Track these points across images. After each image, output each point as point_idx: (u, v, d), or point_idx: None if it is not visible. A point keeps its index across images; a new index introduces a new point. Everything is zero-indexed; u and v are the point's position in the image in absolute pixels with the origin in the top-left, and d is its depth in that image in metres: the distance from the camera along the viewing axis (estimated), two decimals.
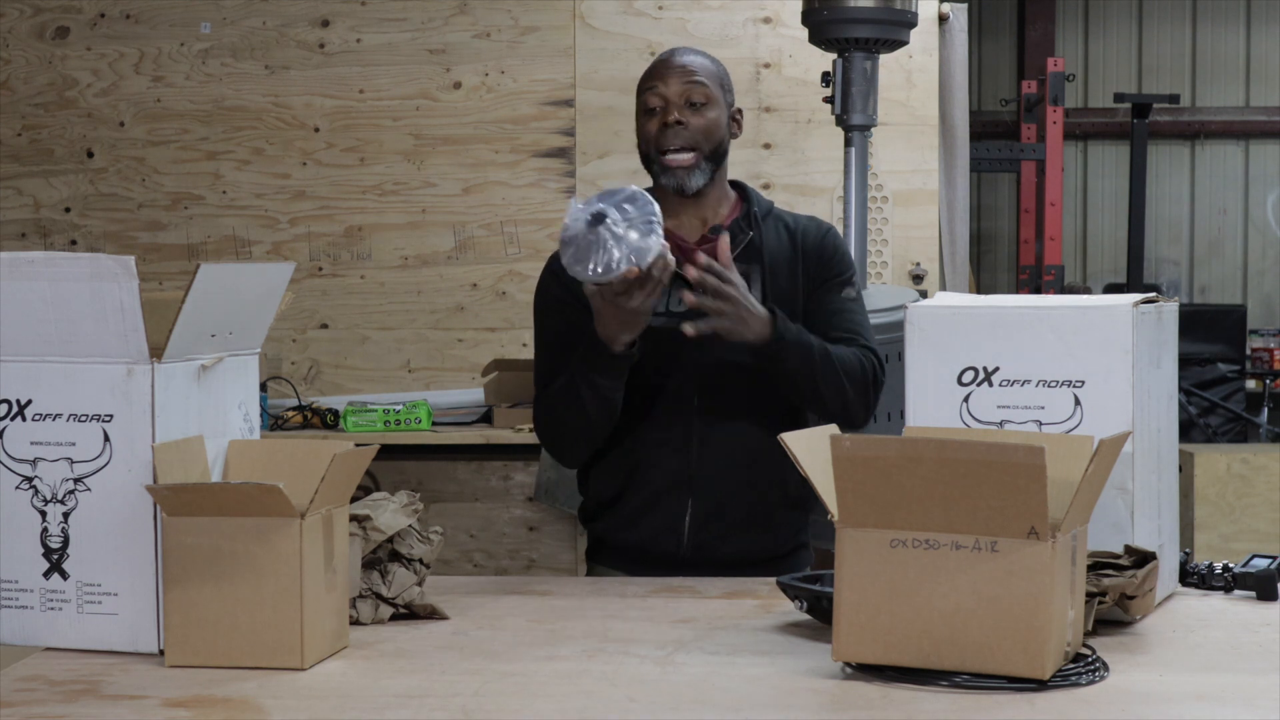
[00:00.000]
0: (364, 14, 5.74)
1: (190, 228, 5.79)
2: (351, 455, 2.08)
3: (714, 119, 2.83)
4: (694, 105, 2.81)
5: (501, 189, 5.74)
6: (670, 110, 2.80)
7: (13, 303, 2.07)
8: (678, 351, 2.74)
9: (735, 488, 2.79)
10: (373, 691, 1.93)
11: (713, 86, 2.84)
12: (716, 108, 2.84)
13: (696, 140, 2.81)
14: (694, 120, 2.81)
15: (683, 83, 2.81)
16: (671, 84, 2.81)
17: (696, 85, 2.82)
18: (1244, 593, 2.43)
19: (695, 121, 2.81)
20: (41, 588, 2.10)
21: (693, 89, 2.81)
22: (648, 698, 1.89)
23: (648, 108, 2.83)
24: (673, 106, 2.80)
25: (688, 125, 2.80)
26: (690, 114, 2.81)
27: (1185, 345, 4.45)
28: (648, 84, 2.84)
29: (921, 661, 1.91)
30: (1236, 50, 10.65)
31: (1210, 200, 10.73)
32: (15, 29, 5.80)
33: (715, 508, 2.79)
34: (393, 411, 5.21)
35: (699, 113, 2.81)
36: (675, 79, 2.82)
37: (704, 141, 2.82)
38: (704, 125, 2.82)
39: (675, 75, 2.82)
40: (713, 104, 2.83)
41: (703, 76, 2.83)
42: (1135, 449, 2.27)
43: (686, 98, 2.81)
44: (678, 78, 2.82)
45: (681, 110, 2.80)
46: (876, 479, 1.91)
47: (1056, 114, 7.82)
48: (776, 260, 2.83)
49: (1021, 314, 2.32)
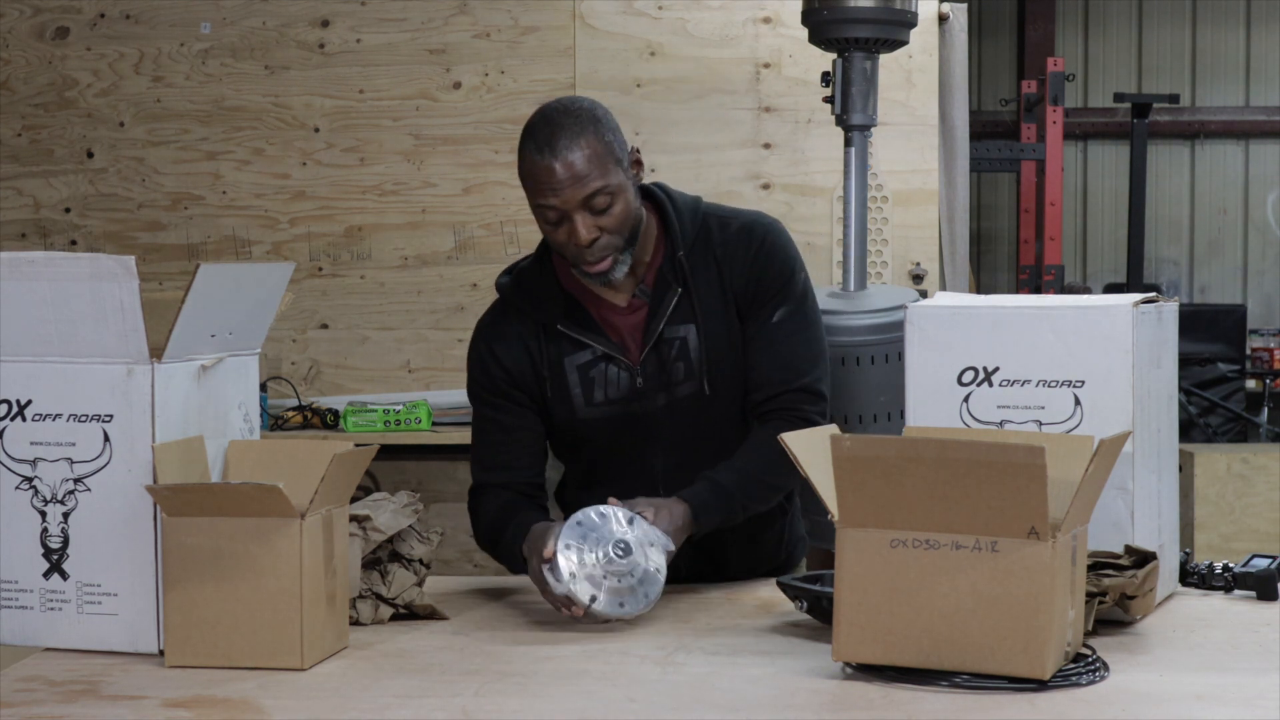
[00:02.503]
0: (364, 14, 5.74)
1: (190, 228, 5.78)
2: (351, 455, 2.08)
3: (622, 209, 2.49)
4: (597, 211, 2.46)
5: (501, 189, 5.73)
6: (577, 230, 2.45)
7: (13, 303, 2.07)
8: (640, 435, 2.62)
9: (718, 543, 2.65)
10: (373, 691, 1.93)
11: (606, 171, 2.46)
12: (621, 191, 2.48)
13: (612, 243, 2.49)
14: (604, 223, 2.47)
15: (579, 191, 2.45)
16: (566, 194, 2.44)
17: (595, 190, 2.45)
18: (1244, 593, 2.43)
19: (606, 224, 2.47)
20: (41, 588, 2.10)
21: (593, 195, 2.45)
22: (648, 698, 1.89)
23: (547, 219, 2.49)
24: (579, 223, 2.45)
25: (600, 234, 2.47)
26: (597, 218, 2.47)
27: (1185, 345, 4.45)
28: (536, 194, 2.47)
29: (921, 661, 1.91)
30: (1236, 50, 10.65)
31: (1210, 200, 10.73)
32: (15, 29, 5.80)
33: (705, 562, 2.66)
34: (393, 411, 5.21)
35: (606, 214, 2.47)
36: (568, 189, 2.44)
37: (618, 238, 2.50)
38: (615, 223, 2.48)
39: (567, 185, 2.44)
40: (618, 193, 2.47)
41: (594, 171, 2.45)
42: (1135, 449, 2.27)
43: (588, 205, 2.46)
44: (570, 187, 2.44)
45: (587, 222, 2.46)
46: (876, 479, 1.91)
47: (1056, 114, 7.82)
48: (709, 308, 2.60)
49: (1021, 314, 2.32)
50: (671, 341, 2.59)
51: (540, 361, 2.60)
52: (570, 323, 2.59)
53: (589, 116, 2.49)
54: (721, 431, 2.64)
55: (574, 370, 2.59)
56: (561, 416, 2.62)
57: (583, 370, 2.60)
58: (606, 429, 2.62)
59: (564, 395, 2.60)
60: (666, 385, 2.61)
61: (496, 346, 2.62)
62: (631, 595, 2.26)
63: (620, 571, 2.25)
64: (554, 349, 2.60)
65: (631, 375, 2.59)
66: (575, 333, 2.59)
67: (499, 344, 2.62)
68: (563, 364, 2.59)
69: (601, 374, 2.59)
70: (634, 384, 2.59)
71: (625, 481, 2.60)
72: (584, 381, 2.60)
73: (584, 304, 2.61)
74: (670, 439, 2.63)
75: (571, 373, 2.59)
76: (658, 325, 2.58)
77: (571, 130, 2.46)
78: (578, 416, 2.61)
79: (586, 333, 2.59)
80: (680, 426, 2.63)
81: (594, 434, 2.62)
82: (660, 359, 2.59)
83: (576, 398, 2.60)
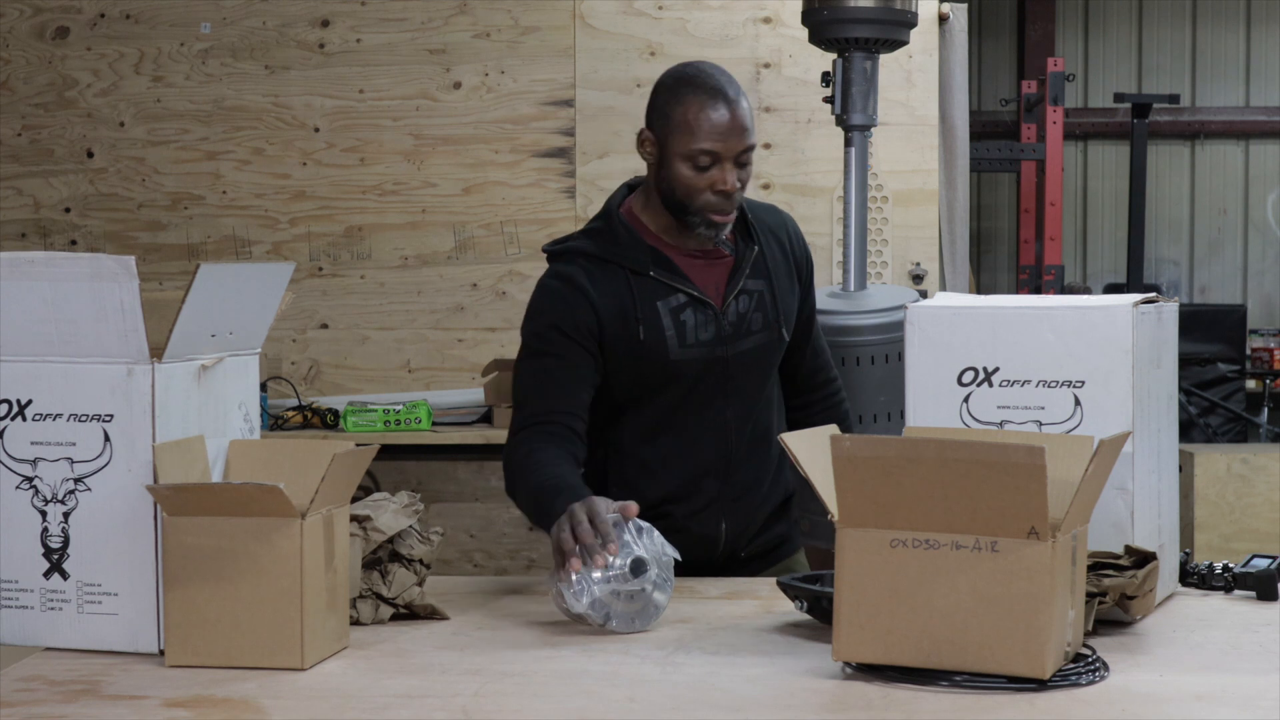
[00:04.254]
0: (364, 14, 5.74)
1: (190, 228, 5.79)
2: (351, 455, 2.08)
3: (750, 172, 2.70)
4: (743, 165, 2.66)
5: (501, 189, 5.74)
6: (728, 176, 2.63)
7: (13, 303, 2.07)
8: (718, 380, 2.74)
9: (760, 501, 2.83)
10: (373, 691, 1.93)
11: (755, 134, 2.68)
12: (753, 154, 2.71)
13: (739, 199, 2.70)
14: (743, 178, 2.67)
15: (740, 143, 2.64)
16: (731, 142, 2.63)
17: (749, 145, 2.65)
18: (1244, 593, 2.43)
19: (744, 179, 2.68)
20: (41, 588, 2.10)
21: (746, 150, 2.65)
22: (648, 698, 1.90)
23: (698, 164, 2.64)
24: (729, 170, 2.64)
25: (739, 188, 2.67)
26: (740, 173, 2.66)
27: (1185, 345, 4.45)
28: (696, 138, 2.63)
29: (921, 661, 1.91)
30: (1236, 50, 10.64)
31: (1210, 200, 10.72)
32: (15, 29, 5.80)
33: (745, 524, 2.82)
34: (393, 411, 5.21)
35: (744, 170, 2.67)
36: (734, 137, 2.63)
37: (741, 195, 2.70)
38: (746, 179, 2.69)
39: (734, 134, 2.62)
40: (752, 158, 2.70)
41: (752, 128, 2.66)
42: (1135, 449, 2.27)
43: (738, 159, 2.65)
44: (736, 136, 2.63)
45: (734, 172, 2.65)
46: (876, 479, 1.91)
47: (1056, 114, 7.82)
48: (779, 271, 2.79)
49: (1021, 314, 2.32)
50: (750, 293, 2.75)
51: (633, 306, 2.70)
52: (660, 270, 2.72)
53: (737, 81, 2.71)
54: (773, 385, 2.85)
55: (667, 314, 2.71)
56: (654, 358, 2.70)
57: (674, 314, 2.71)
58: (692, 371, 2.72)
59: (658, 336, 2.70)
60: (746, 333, 2.75)
61: (591, 290, 2.69)
62: (641, 615, 2.26)
63: (632, 590, 2.25)
64: (647, 294, 2.70)
65: (718, 320, 2.72)
66: (666, 279, 2.71)
67: (594, 288, 2.69)
68: (656, 307, 2.71)
69: (691, 318, 2.71)
70: (720, 328, 2.72)
71: (696, 431, 2.75)
72: (676, 324, 2.71)
73: (669, 256, 2.73)
74: (742, 388, 2.76)
75: (665, 316, 2.71)
76: (740, 277, 2.75)
77: (737, 87, 2.68)
78: (670, 357, 2.70)
79: (676, 279, 2.72)
80: (751, 376, 2.78)
81: (680, 376, 2.72)
82: (740, 309, 2.74)
83: (670, 339, 2.70)
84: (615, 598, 2.23)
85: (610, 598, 2.22)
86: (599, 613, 2.22)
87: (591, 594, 2.22)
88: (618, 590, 2.23)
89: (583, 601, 2.22)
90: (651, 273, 2.70)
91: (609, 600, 2.22)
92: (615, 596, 2.23)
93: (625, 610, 2.24)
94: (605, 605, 2.22)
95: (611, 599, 2.23)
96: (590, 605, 2.22)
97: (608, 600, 2.22)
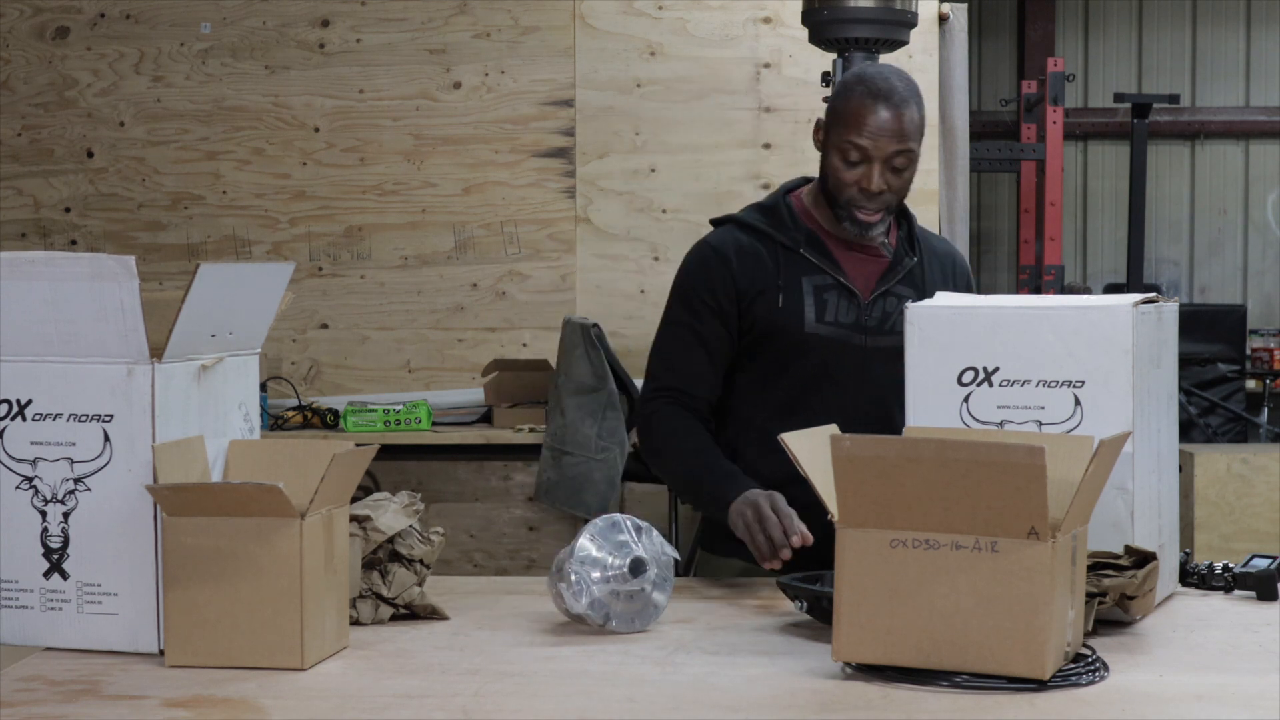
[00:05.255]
0: (364, 14, 5.74)
1: (190, 228, 5.79)
2: (351, 455, 2.08)
3: (910, 177, 2.74)
4: (896, 170, 2.70)
5: (501, 189, 5.74)
6: (873, 175, 2.69)
7: (13, 303, 2.07)
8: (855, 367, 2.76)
9: None
10: (373, 691, 1.93)
11: (917, 140, 2.71)
12: (914, 161, 2.73)
13: (890, 202, 2.73)
14: (894, 182, 2.71)
15: (892, 145, 2.68)
16: (882, 142, 2.67)
17: (903, 149, 2.69)
18: (1244, 593, 2.43)
19: (895, 183, 2.71)
20: (41, 588, 2.10)
21: (899, 153, 2.69)
22: (648, 698, 1.89)
23: (849, 158, 2.71)
24: (875, 170, 2.69)
25: (886, 190, 2.71)
26: (891, 176, 2.70)
27: (1185, 345, 4.45)
28: (851, 131, 2.69)
29: (921, 661, 1.91)
30: (1236, 50, 10.64)
31: (1210, 200, 10.72)
32: (15, 29, 5.80)
33: None
34: (393, 411, 5.21)
35: (899, 175, 2.71)
36: (886, 137, 2.67)
37: (896, 200, 2.75)
38: (901, 185, 2.73)
39: (888, 136, 2.67)
40: (913, 162, 2.72)
41: (912, 136, 2.69)
42: (1135, 449, 2.27)
43: (891, 162, 2.69)
44: (888, 136, 2.67)
45: (884, 173, 2.69)
46: (876, 479, 1.91)
47: (1056, 114, 7.82)
48: (931, 290, 2.76)
49: (1021, 314, 2.32)
50: (899, 297, 2.77)
51: (777, 274, 2.77)
52: (812, 250, 2.79)
53: (916, 89, 2.75)
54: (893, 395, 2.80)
55: (810, 289, 2.77)
56: (790, 328, 2.76)
57: (818, 291, 2.77)
58: (827, 349, 2.76)
59: (796, 307, 2.76)
60: (890, 331, 2.77)
61: (737, 261, 2.79)
62: (641, 615, 2.26)
63: (632, 590, 2.25)
64: (793, 267, 2.78)
65: (860, 308, 2.77)
66: (816, 259, 2.78)
67: (741, 260, 2.79)
68: (800, 281, 2.77)
69: (834, 298, 2.77)
70: (860, 315, 2.77)
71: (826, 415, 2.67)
72: (818, 300, 2.77)
73: (826, 242, 2.80)
74: (879, 381, 2.77)
75: (808, 290, 2.77)
76: (893, 277, 2.80)
77: (906, 91, 2.71)
78: (805, 330, 2.76)
79: (826, 262, 2.78)
80: (888, 373, 2.73)
81: (814, 350, 2.75)
82: (885, 308, 2.79)
83: (809, 310, 2.76)
84: (615, 598, 2.23)
85: (610, 598, 2.22)
86: (599, 613, 2.22)
87: (591, 594, 2.22)
88: (617, 590, 2.23)
89: (582, 601, 2.22)
90: (802, 250, 2.77)
91: (608, 600, 2.22)
92: (615, 596, 2.23)
93: (625, 610, 2.24)
94: (605, 605, 2.22)
95: (611, 599, 2.23)
96: (590, 605, 2.22)
97: (607, 600, 2.22)
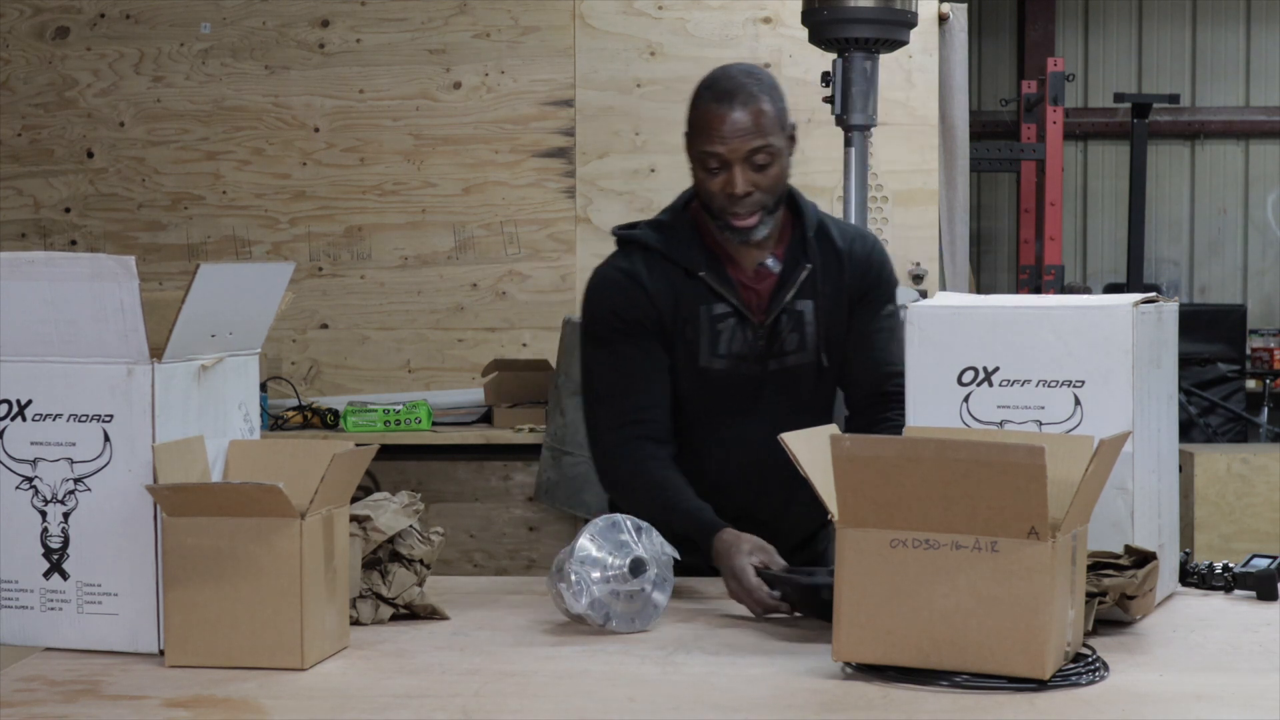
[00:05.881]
0: (364, 14, 5.74)
1: (190, 228, 5.78)
2: (351, 455, 2.08)
3: (777, 172, 2.62)
4: (760, 168, 2.59)
5: (501, 189, 5.73)
6: (735, 179, 2.58)
7: (13, 303, 2.07)
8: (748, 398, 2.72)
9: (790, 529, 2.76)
10: (373, 691, 1.93)
11: (774, 133, 2.60)
12: (780, 155, 2.62)
13: (763, 201, 2.61)
14: (760, 180, 2.60)
15: (745, 144, 2.57)
16: (734, 144, 2.57)
17: (760, 146, 2.58)
18: (1244, 593, 2.43)
19: (761, 181, 2.60)
20: (41, 588, 2.10)
21: (757, 150, 2.58)
22: (648, 698, 1.90)
23: (708, 167, 2.61)
24: (736, 173, 2.58)
25: (754, 190, 2.60)
26: (755, 175, 2.59)
27: (1185, 345, 4.45)
28: (704, 140, 2.60)
29: (921, 661, 1.91)
30: (1236, 50, 10.64)
31: (1210, 200, 10.71)
32: (15, 29, 5.80)
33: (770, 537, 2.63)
34: (393, 411, 5.21)
35: (764, 172, 2.60)
36: (737, 139, 2.57)
37: (769, 198, 2.62)
38: (769, 183, 2.61)
39: (736, 136, 2.57)
40: (777, 156, 2.61)
41: (764, 128, 2.58)
42: (1135, 449, 2.27)
43: (750, 160, 2.58)
44: (739, 138, 2.57)
45: (746, 174, 2.58)
46: (876, 479, 1.91)
47: (1056, 114, 7.81)
48: (829, 293, 2.73)
49: (1021, 314, 2.32)
50: (792, 313, 2.71)
51: (682, 304, 2.69)
52: (711, 275, 2.69)
53: (769, 82, 2.65)
54: (817, 408, 2.76)
55: (707, 319, 2.69)
56: (685, 362, 2.70)
57: (713, 321, 2.69)
58: (718, 382, 2.70)
59: (694, 339, 2.69)
60: (779, 353, 2.72)
61: (649, 286, 2.68)
62: (641, 615, 2.26)
63: (632, 590, 2.25)
64: (692, 296, 2.69)
65: (754, 335, 2.70)
66: (715, 284, 2.69)
67: (651, 284, 2.69)
68: (698, 310, 2.69)
69: (729, 328, 2.69)
70: (754, 344, 2.70)
71: (724, 446, 2.73)
72: (711, 331, 2.69)
73: (723, 262, 2.71)
74: (772, 408, 2.71)
75: (705, 320, 2.69)
76: (785, 294, 2.70)
77: (751, 88, 2.61)
78: (698, 364, 2.69)
79: (725, 286, 2.69)
80: (782, 398, 2.73)
81: (706, 386, 2.70)
82: (779, 327, 2.71)
83: (704, 342, 2.69)
84: (615, 598, 2.23)
85: (610, 598, 2.22)
86: (599, 613, 2.22)
87: (591, 594, 2.22)
88: (617, 590, 2.23)
89: (582, 601, 2.22)
90: (702, 274, 2.68)
91: (609, 600, 2.22)
92: (615, 596, 2.23)
93: (625, 610, 2.24)
94: (605, 605, 2.22)
95: (611, 599, 2.23)
96: (590, 605, 2.22)
97: (607, 600, 2.22)
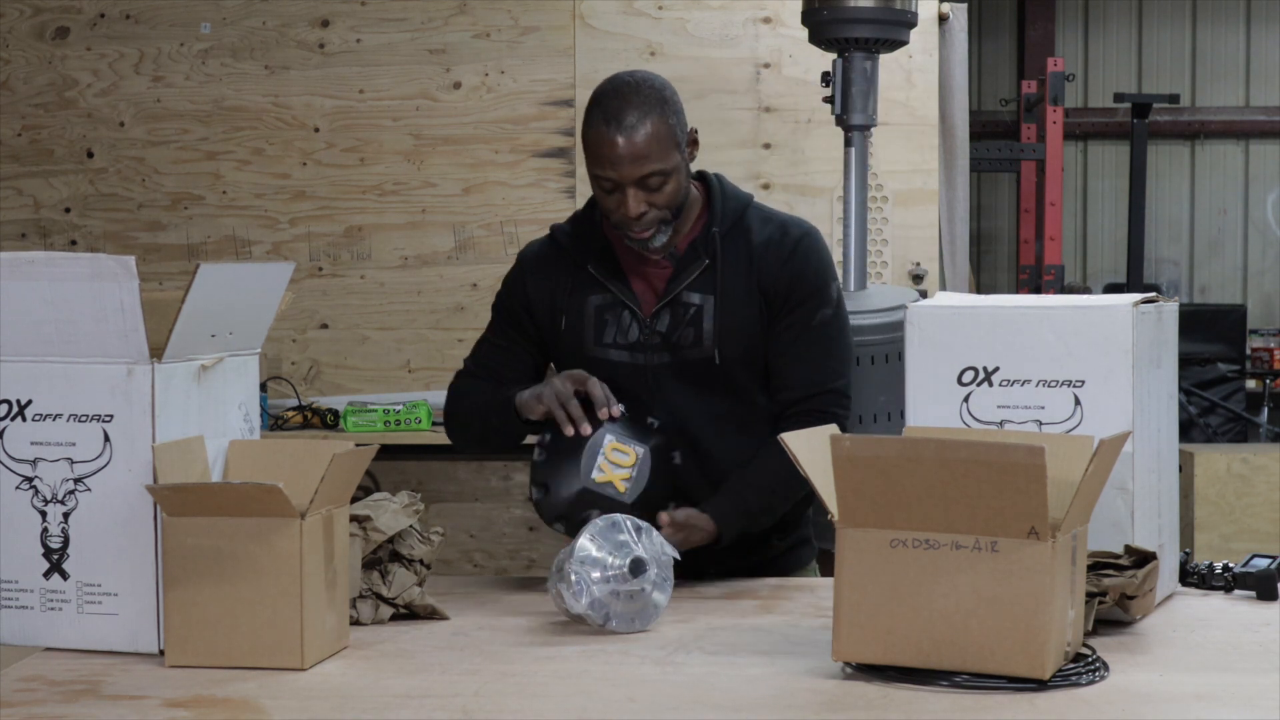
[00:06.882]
0: (364, 14, 5.74)
1: (190, 228, 5.78)
2: (351, 455, 2.08)
3: (673, 189, 2.63)
4: (653, 189, 2.61)
5: (501, 189, 5.73)
6: (628, 203, 2.60)
7: (13, 303, 2.07)
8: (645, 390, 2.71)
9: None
10: (373, 691, 1.93)
11: (666, 154, 2.60)
12: (675, 173, 2.63)
13: (660, 216, 2.63)
14: (655, 199, 2.61)
15: (636, 170, 2.58)
16: (624, 170, 2.58)
17: (652, 171, 2.59)
18: (1244, 593, 2.43)
19: (656, 200, 2.62)
20: (41, 588, 2.10)
21: (649, 175, 2.59)
22: (648, 698, 1.90)
23: (601, 186, 2.63)
24: (630, 197, 2.60)
25: (649, 210, 2.62)
26: (650, 195, 2.61)
27: (1185, 345, 4.45)
28: (594, 163, 2.62)
29: (921, 661, 1.91)
30: (1236, 50, 10.65)
31: (1210, 200, 10.73)
32: (15, 29, 5.80)
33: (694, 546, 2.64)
34: (393, 411, 5.21)
35: (659, 192, 2.61)
36: (627, 165, 2.58)
37: (667, 212, 2.64)
38: (664, 200, 2.62)
39: (626, 163, 2.58)
40: (672, 174, 2.62)
41: (654, 153, 2.59)
42: (1135, 449, 2.27)
43: (643, 183, 2.60)
44: (629, 164, 2.58)
45: (639, 197, 2.60)
46: (876, 479, 1.91)
47: (1056, 114, 7.82)
48: (731, 291, 2.70)
49: (1021, 314, 2.32)
50: (686, 306, 2.71)
51: (561, 295, 2.76)
52: (600, 266, 2.75)
53: (657, 98, 2.63)
54: (726, 404, 2.75)
55: (592, 309, 2.74)
56: (571, 350, 2.75)
57: (599, 311, 2.74)
58: (611, 372, 2.71)
59: (578, 330, 2.75)
60: (672, 346, 2.72)
61: (529, 275, 2.80)
62: (641, 615, 2.26)
63: (632, 590, 2.25)
64: (580, 285, 2.75)
65: (640, 326, 2.72)
66: (601, 275, 2.74)
67: (532, 274, 2.80)
68: (584, 300, 2.75)
69: (615, 318, 2.73)
70: (640, 335, 2.72)
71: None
72: (598, 321, 2.74)
73: (618, 252, 2.75)
74: (672, 400, 2.73)
75: (590, 310, 2.74)
76: (676, 288, 2.72)
77: (639, 109, 2.60)
78: (585, 353, 2.74)
79: (610, 278, 2.74)
80: (681, 393, 2.73)
81: (604, 375, 2.69)
82: (672, 320, 2.72)
83: (588, 331, 2.74)
84: (615, 598, 2.23)
85: (610, 598, 2.23)
86: (599, 613, 2.22)
87: (591, 594, 2.22)
88: (617, 590, 2.23)
89: (582, 601, 2.22)
90: (590, 267, 2.74)
91: (609, 600, 2.23)
92: (615, 596, 2.23)
93: (625, 610, 2.24)
94: (605, 605, 2.22)
95: (611, 599, 2.23)
96: (590, 605, 2.22)
97: (607, 600, 2.23)
